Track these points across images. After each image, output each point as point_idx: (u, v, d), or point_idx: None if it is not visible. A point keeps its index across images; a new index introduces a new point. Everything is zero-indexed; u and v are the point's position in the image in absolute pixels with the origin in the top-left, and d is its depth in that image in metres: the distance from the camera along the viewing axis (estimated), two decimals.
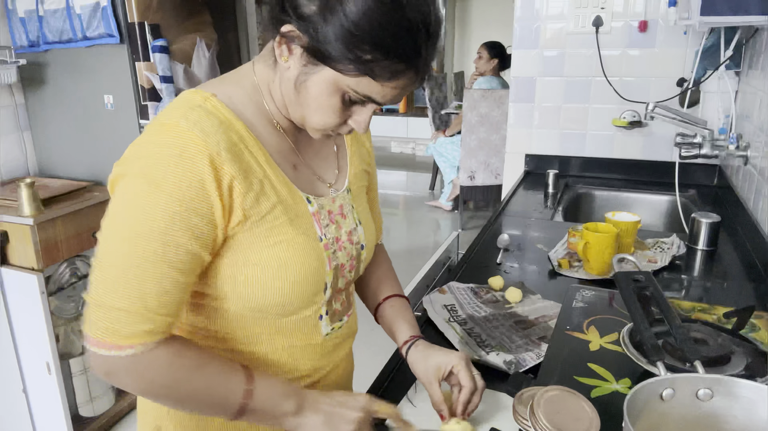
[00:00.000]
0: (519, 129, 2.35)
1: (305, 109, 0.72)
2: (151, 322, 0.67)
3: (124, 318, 0.66)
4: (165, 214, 0.65)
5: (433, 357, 0.85)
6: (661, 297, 0.91)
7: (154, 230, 0.65)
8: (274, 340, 0.81)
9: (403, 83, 0.68)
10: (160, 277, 0.66)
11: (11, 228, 1.95)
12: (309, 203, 0.78)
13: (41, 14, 2.20)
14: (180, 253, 0.67)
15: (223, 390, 0.71)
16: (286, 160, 0.78)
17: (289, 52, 0.69)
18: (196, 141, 0.66)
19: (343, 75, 0.66)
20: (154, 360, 0.68)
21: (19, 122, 2.39)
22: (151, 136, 0.68)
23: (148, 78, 2.16)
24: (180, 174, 0.65)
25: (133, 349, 0.67)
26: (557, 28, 2.18)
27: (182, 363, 0.70)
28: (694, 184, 2.08)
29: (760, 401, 0.65)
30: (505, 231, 1.66)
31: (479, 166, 4.35)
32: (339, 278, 0.83)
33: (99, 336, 0.66)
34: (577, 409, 0.72)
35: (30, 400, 2.18)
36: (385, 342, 0.98)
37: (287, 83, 0.72)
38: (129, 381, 0.69)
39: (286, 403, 0.74)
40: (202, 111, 0.69)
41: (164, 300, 0.67)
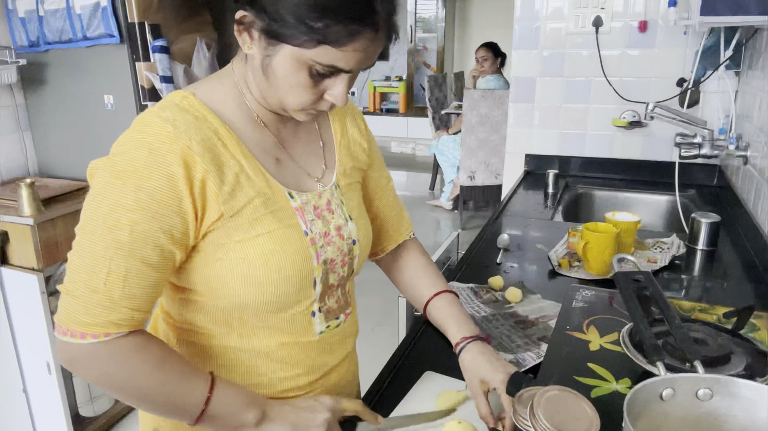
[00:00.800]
0: (519, 129, 2.35)
1: (278, 91, 0.72)
2: (115, 313, 0.68)
3: (90, 307, 0.67)
4: (132, 206, 0.66)
5: (479, 370, 0.84)
6: (661, 297, 0.91)
7: (121, 222, 0.66)
8: (268, 337, 0.81)
9: (364, 44, 0.67)
10: (126, 269, 0.67)
11: (11, 228, 1.95)
12: (291, 198, 0.78)
13: (41, 14, 2.20)
14: (147, 247, 0.68)
15: (181, 392, 0.71)
16: (268, 154, 0.78)
17: (251, 39, 0.70)
18: (168, 136, 0.67)
19: (301, 49, 0.66)
20: (114, 351, 0.69)
21: (19, 122, 2.39)
22: (127, 133, 0.70)
23: (148, 78, 2.16)
24: (149, 168, 0.66)
25: (96, 338, 0.68)
26: (557, 28, 2.18)
27: (142, 358, 0.70)
28: (694, 184, 2.08)
29: (760, 401, 0.65)
30: (505, 231, 1.66)
31: (479, 166, 4.35)
32: (330, 273, 0.82)
33: (64, 323, 0.68)
34: (577, 409, 0.71)
35: (30, 400, 2.18)
36: (385, 342, 0.98)
37: (256, 71, 0.73)
38: (87, 371, 0.70)
39: (248, 413, 0.73)
40: (176, 108, 0.71)
41: (130, 293, 0.68)
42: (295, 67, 0.68)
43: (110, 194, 0.67)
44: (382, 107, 8.13)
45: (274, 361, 0.82)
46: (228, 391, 0.73)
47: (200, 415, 0.71)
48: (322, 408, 0.75)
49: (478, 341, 0.89)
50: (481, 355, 0.86)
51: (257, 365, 0.82)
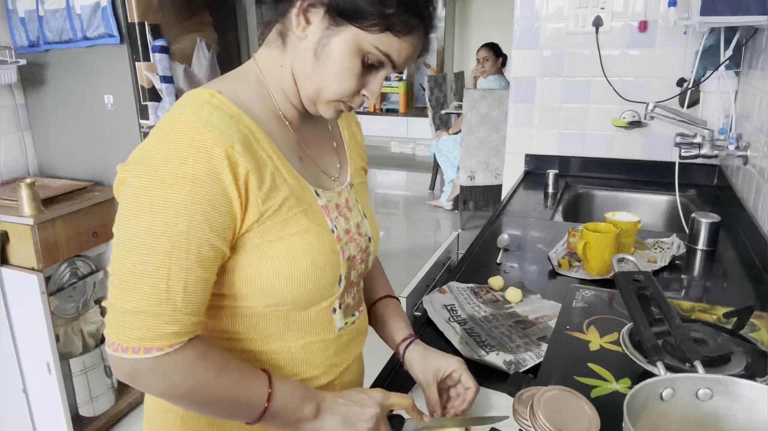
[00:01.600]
0: (519, 129, 2.35)
1: (324, 76, 0.73)
2: (177, 323, 0.67)
3: (150, 321, 0.65)
4: (184, 211, 0.65)
5: (433, 359, 0.87)
6: (661, 297, 0.91)
7: (174, 229, 0.65)
8: (291, 337, 0.81)
9: (417, 41, 0.73)
10: (185, 278, 0.66)
11: (11, 228, 1.95)
12: (318, 196, 0.79)
13: (41, 14, 2.20)
14: (202, 249, 0.67)
15: (245, 393, 0.71)
16: (293, 152, 0.79)
17: (307, 22, 0.71)
18: (210, 136, 0.66)
19: (366, 32, 0.69)
20: (179, 362, 0.68)
21: (19, 122, 2.39)
22: (163, 134, 0.67)
23: (149, 78, 2.16)
24: (195, 170, 0.65)
25: (161, 351, 0.66)
26: (557, 28, 2.18)
27: (206, 366, 0.70)
28: (694, 184, 2.08)
29: (760, 401, 0.65)
30: (505, 231, 1.66)
31: (479, 166, 4.35)
32: (351, 270, 0.84)
33: (122, 340, 0.66)
34: (577, 409, 0.72)
35: (30, 400, 2.18)
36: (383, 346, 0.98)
37: (303, 54, 0.73)
38: (154, 384, 0.69)
39: (306, 407, 0.74)
40: (211, 107, 0.70)
41: (189, 299, 0.67)
42: (353, 50, 0.71)
43: (158, 201, 0.65)
44: (382, 107, 8.13)
45: (296, 362, 0.82)
46: (287, 387, 0.74)
47: (263, 413, 0.72)
48: (372, 402, 0.76)
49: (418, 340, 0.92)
50: (429, 349, 0.89)
51: (280, 368, 0.81)
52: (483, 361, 0.97)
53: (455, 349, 1.02)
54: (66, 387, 2.13)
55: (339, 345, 0.86)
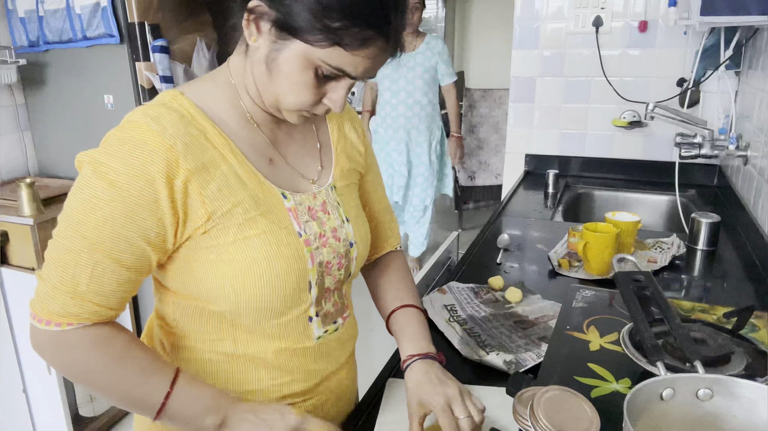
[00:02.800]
0: (519, 129, 2.35)
1: (278, 89, 0.70)
2: (78, 306, 0.68)
3: (56, 296, 0.68)
4: (107, 203, 0.66)
5: (420, 391, 0.79)
6: (661, 297, 0.91)
7: (95, 218, 0.66)
8: (264, 343, 0.79)
9: (374, 52, 0.67)
10: (93, 264, 0.67)
11: (11, 228, 1.95)
12: (285, 198, 0.77)
13: (41, 14, 2.20)
14: (119, 244, 0.67)
15: (141, 388, 0.71)
16: (260, 154, 0.77)
17: (258, 31, 0.69)
18: (152, 135, 0.67)
19: (313, 47, 0.65)
20: (77, 341, 0.69)
21: (19, 122, 2.39)
22: (114, 130, 0.70)
23: (148, 78, 2.16)
24: (128, 167, 0.66)
25: (58, 326, 0.69)
26: (557, 28, 2.18)
27: (104, 351, 0.70)
28: (694, 184, 2.08)
29: (760, 401, 0.65)
30: (505, 231, 1.66)
31: (479, 166, 4.35)
32: (326, 276, 0.80)
33: (34, 308, 0.70)
34: (577, 409, 0.71)
35: (30, 400, 2.18)
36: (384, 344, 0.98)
37: (258, 65, 0.71)
38: (51, 358, 0.71)
39: (208, 417, 0.71)
40: (163, 107, 0.70)
41: (97, 289, 0.68)
42: (302, 65, 0.67)
43: (87, 188, 0.67)
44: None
45: (270, 368, 0.81)
46: (191, 390, 0.72)
47: (159, 411, 0.70)
48: (282, 425, 0.71)
49: (426, 359, 0.84)
50: (424, 375, 0.81)
51: (253, 372, 0.80)
52: (483, 361, 0.97)
53: (455, 349, 1.02)
54: (66, 387, 2.13)
55: (320, 353, 0.84)
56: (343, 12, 0.63)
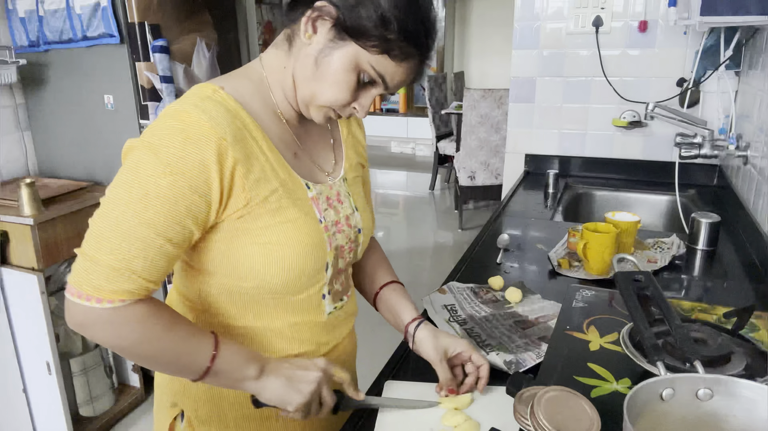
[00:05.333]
0: (519, 129, 2.35)
1: (320, 83, 0.78)
2: (132, 283, 0.71)
3: (109, 274, 0.70)
4: (165, 184, 0.70)
5: (442, 338, 0.92)
6: (661, 297, 0.91)
7: (152, 197, 0.70)
8: (282, 317, 0.87)
9: (411, 68, 0.78)
10: (148, 243, 0.71)
11: (11, 228, 1.95)
12: (308, 188, 0.85)
13: (41, 14, 2.20)
14: (173, 225, 0.72)
15: (189, 351, 0.77)
16: (287, 147, 0.84)
17: (314, 30, 0.76)
18: (204, 126, 0.72)
19: (366, 51, 0.75)
20: (130, 316, 0.73)
21: (19, 122, 2.39)
22: (164, 119, 0.74)
23: (148, 78, 2.16)
24: (184, 151, 0.71)
25: (112, 304, 0.71)
26: (557, 28, 2.18)
27: (155, 322, 0.75)
28: (694, 184, 2.08)
29: (760, 401, 0.65)
30: (505, 231, 1.66)
31: (479, 166, 4.35)
32: (339, 259, 0.89)
33: (81, 287, 0.71)
34: (577, 409, 0.72)
35: (30, 400, 2.18)
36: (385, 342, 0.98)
37: (305, 59, 0.78)
38: (102, 334, 0.74)
39: (249, 368, 0.79)
40: (210, 101, 0.76)
41: (148, 265, 0.72)
42: (351, 65, 0.76)
43: (145, 170, 0.71)
44: (382, 107, 8.13)
45: (285, 339, 0.88)
46: (231, 349, 0.79)
47: (206, 371, 0.77)
48: (315, 367, 0.81)
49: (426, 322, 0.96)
50: (439, 330, 0.95)
51: (270, 343, 0.88)
52: None
53: None
54: (66, 387, 2.13)
55: (329, 326, 0.93)
56: (399, 27, 0.73)
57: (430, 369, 0.92)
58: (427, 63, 0.80)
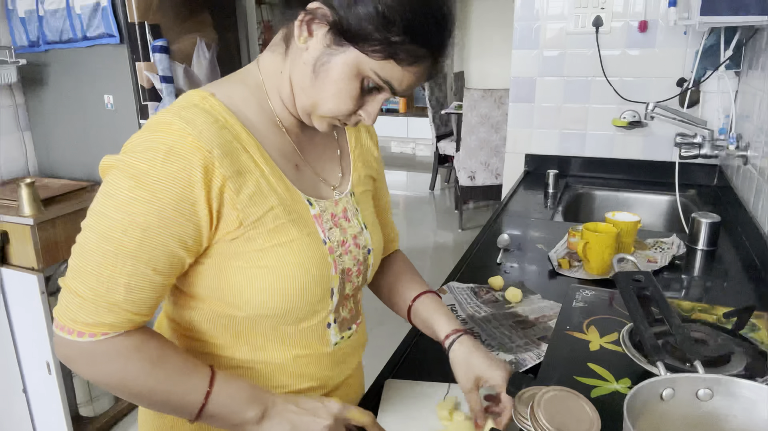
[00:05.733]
0: (519, 129, 2.35)
1: (321, 93, 0.70)
2: (115, 315, 0.66)
3: (88, 306, 0.66)
4: (145, 210, 0.64)
5: (476, 364, 0.81)
6: (661, 297, 0.91)
7: (132, 225, 0.64)
8: (282, 350, 0.79)
9: (422, 70, 0.69)
10: (131, 274, 0.65)
11: (11, 228, 1.95)
12: (310, 205, 0.76)
13: (41, 14, 2.20)
14: (157, 252, 0.66)
15: (180, 389, 0.69)
16: (287, 159, 0.76)
17: (309, 34, 0.68)
18: (187, 139, 0.65)
19: (368, 57, 0.66)
20: (112, 350, 0.67)
21: (19, 122, 2.39)
22: (144, 132, 0.67)
23: (148, 78, 2.16)
24: (166, 171, 0.64)
25: (93, 337, 0.66)
26: (557, 28, 2.18)
27: (140, 356, 0.68)
28: (694, 184, 2.08)
29: (760, 401, 0.65)
30: (505, 231, 1.66)
31: (479, 166, 4.35)
32: (346, 283, 0.81)
33: (62, 320, 0.67)
34: (577, 410, 0.72)
35: (30, 400, 2.18)
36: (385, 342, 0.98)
37: (303, 67, 0.70)
38: (85, 369, 0.69)
39: (249, 410, 0.70)
40: (197, 109, 0.68)
41: (133, 297, 0.66)
42: (353, 73, 0.68)
43: (123, 196, 0.64)
44: (382, 107, 8.12)
45: (286, 375, 0.80)
46: (229, 387, 0.71)
47: (200, 411, 0.69)
48: (326, 413, 0.72)
49: (469, 335, 0.86)
50: (476, 349, 0.83)
51: (269, 379, 0.80)
52: None
53: None
54: (66, 387, 2.13)
55: (335, 360, 0.84)
56: (405, 28, 0.64)
57: (431, 369, 0.93)
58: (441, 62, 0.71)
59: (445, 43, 0.69)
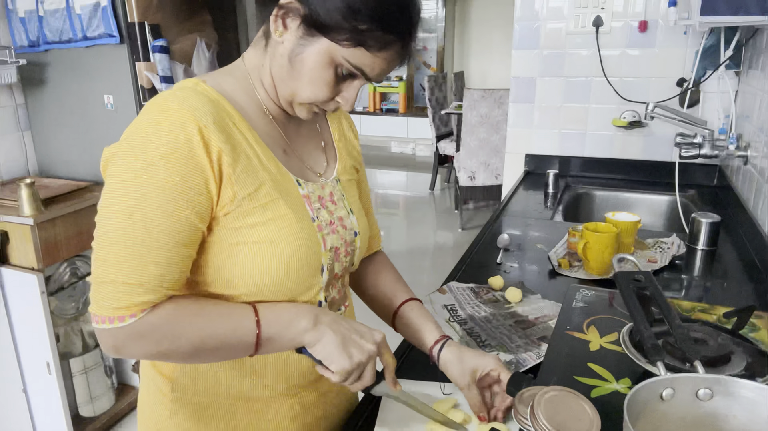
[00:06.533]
0: (519, 129, 2.35)
1: (297, 82, 0.74)
2: (150, 293, 0.68)
3: (123, 290, 0.67)
4: (159, 185, 0.67)
5: (469, 359, 0.85)
6: (661, 297, 0.91)
7: (149, 206, 0.67)
8: None
9: (392, 56, 0.73)
10: (157, 251, 0.68)
11: (11, 228, 1.95)
12: (299, 185, 0.80)
13: (41, 14, 2.20)
14: (177, 225, 0.68)
15: (230, 326, 0.72)
16: (276, 144, 0.80)
17: (284, 27, 0.73)
18: (185, 113, 0.68)
19: (339, 46, 0.70)
20: (155, 321, 0.70)
21: (19, 122, 2.39)
22: (141, 115, 0.70)
23: (148, 78, 2.16)
24: (169, 144, 0.67)
25: (135, 318, 0.68)
26: (557, 28, 2.18)
27: (182, 313, 0.71)
28: (694, 184, 2.08)
29: (760, 401, 0.65)
30: (505, 231, 1.66)
31: (479, 166, 4.35)
32: (335, 262, 0.84)
33: (101, 312, 0.68)
34: (577, 410, 0.71)
35: (30, 400, 2.18)
36: None
37: (280, 59, 0.75)
38: (138, 350, 0.71)
39: (302, 319, 0.74)
40: (190, 91, 0.72)
41: (163, 272, 0.69)
42: (325, 61, 0.72)
43: (136, 177, 0.67)
44: (382, 107, 8.13)
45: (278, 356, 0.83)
46: (273, 308, 0.75)
47: (257, 341, 0.73)
48: (372, 340, 0.77)
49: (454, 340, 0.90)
50: (463, 349, 0.87)
51: (262, 360, 0.82)
52: None
53: None
54: (66, 387, 2.13)
55: None
56: (371, 16, 0.69)
57: (431, 370, 0.92)
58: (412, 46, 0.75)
59: (412, 28, 0.73)
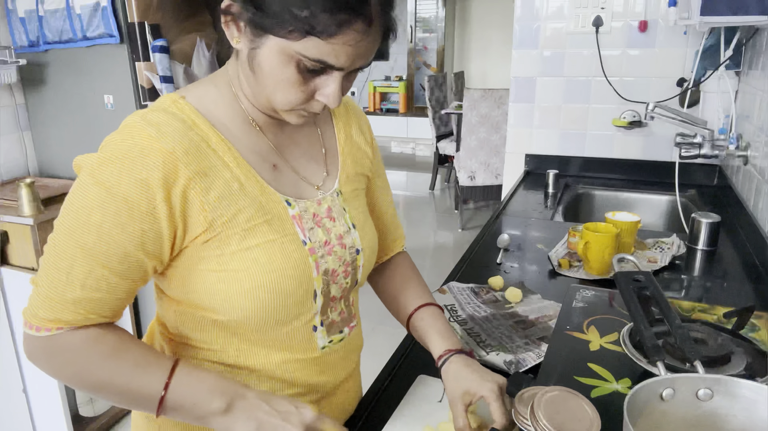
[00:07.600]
0: (519, 129, 2.35)
1: (265, 88, 0.68)
2: (71, 313, 0.67)
3: (46, 303, 0.67)
4: (102, 210, 0.64)
5: (464, 380, 0.78)
6: (661, 297, 0.91)
7: (89, 225, 0.65)
8: (267, 354, 0.78)
9: (355, 37, 0.62)
10: (87, 272, 0.66)
11: (11, 228, 1.95)
12: (289, 205, 0.75)
13: (41, 14, 2.20)
14: (113, 253, 0.66)
15: (139, 381, 0.68)
16: (263, 159, 0.75)
17: (238, 32, 0.66)
18: (149, 140, 0.65)
19: (288, 40, 0.62)
20: (67, 344, 0.68)
21: (19, 122, 2.39)
22: (113, 134, 0.68)
23: (148, 78, 2.16)
24: (123, 171, 0.64)
25: (48, 331, 0.67)
26: (557, 28, 2.18)
27: (97, 349, 0.68)
28: (694, 184, 2.08)
29: (760, 401, 0.65)
30: (505, 231, 1.66)
31: (479, 166, 4.35)
32: (331, 285, 0.78)
33: (26, 316, 0.68)
34: (577, 410, 0.71)
35: (30, 400, 2.18)
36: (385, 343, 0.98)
37: (243, 66, 0.69)
38: (44, 364, 0.69)
39: (213, 401, 0.67)
40: (163, 113, 0.68)
41: (89, 296, 0.66)
42: (281, 61, 0.64)
43: (83, 194, 0.66)
44: (382, 107, 8.13)
45: (272, 380, 0.79)
46: (191, 377, 0.68)
47: (160, 403, 0.67)
48: (297, 421, 0.67)
49: (462, 354, 0.83)
50: (467, 366, 0.80)
51: (255, 384, 0.78)
52: (483, 361, 0.97)
53: None
54: (66, 387, 2.13)
55: (324, 365, 0.82)
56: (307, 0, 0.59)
57: (431, 369, 0.93)
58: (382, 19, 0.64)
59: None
